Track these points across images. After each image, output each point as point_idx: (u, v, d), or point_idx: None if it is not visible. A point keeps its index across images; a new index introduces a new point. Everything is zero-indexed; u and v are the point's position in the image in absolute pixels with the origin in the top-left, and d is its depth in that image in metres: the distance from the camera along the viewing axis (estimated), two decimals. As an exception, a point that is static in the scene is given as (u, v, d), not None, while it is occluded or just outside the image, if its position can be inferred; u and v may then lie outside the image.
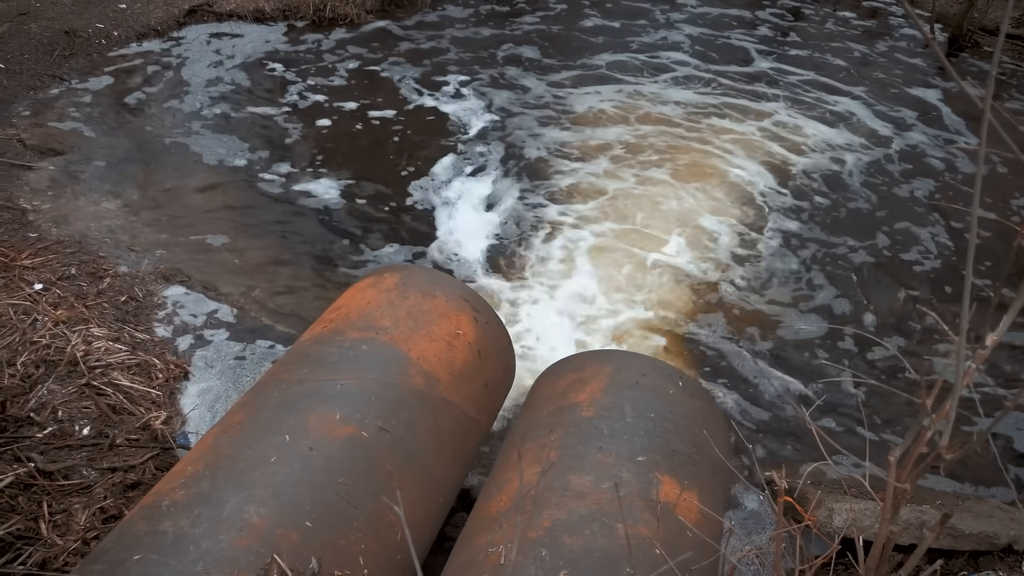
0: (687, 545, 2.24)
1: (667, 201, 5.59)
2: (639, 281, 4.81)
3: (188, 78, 6.51)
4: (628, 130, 6.45)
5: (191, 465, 2.28)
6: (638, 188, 5.71)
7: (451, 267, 4.82)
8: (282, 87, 6.58)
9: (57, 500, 2.91)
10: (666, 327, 4.48)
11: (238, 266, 4.62)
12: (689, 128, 6.57)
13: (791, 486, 3.20)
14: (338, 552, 2.15)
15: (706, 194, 5.71)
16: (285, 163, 5.61)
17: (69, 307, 3.84)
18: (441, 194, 5.47)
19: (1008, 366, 4.45)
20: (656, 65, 7.64)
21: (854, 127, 6.87)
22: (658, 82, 7.31)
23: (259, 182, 5.39)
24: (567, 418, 2.65)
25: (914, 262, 5.26)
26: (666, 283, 4.83)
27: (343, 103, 6.43)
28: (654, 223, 5.35)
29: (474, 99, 6.73)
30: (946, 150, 6.67)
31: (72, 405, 3.32)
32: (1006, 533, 3.06)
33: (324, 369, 2.62)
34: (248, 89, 6.49)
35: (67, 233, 4.52)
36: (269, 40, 7.30)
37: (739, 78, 7.57)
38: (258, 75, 6.71)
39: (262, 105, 6.30)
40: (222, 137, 5.83)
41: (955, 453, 1.57)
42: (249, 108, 6.23)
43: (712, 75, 7.55)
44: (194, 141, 5.74)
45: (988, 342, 1.62)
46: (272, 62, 6.94)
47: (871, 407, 4.11)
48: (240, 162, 5.57)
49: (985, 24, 9.00)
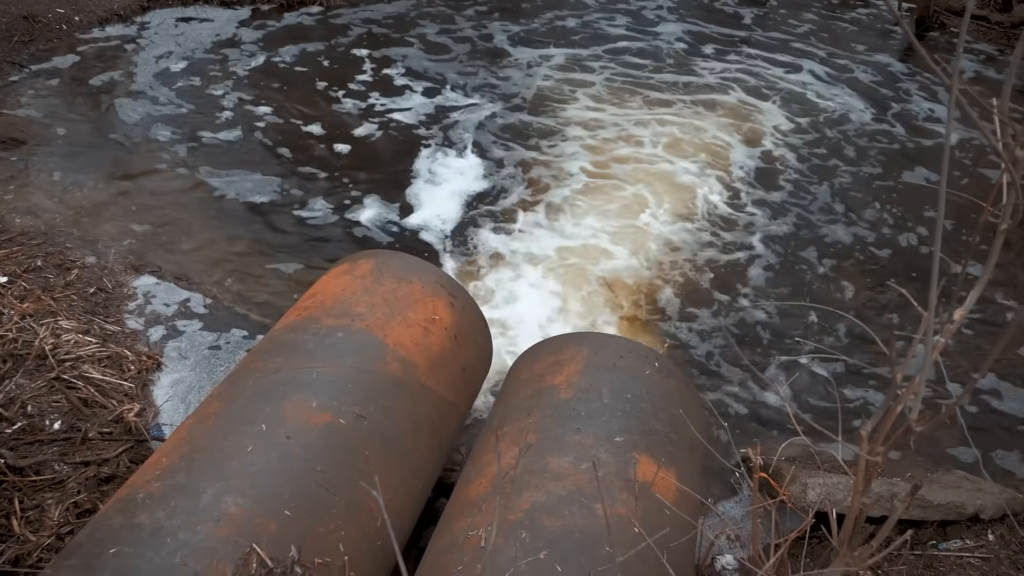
0: (665, 523, 2.27)
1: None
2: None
3: (152, 63, 6.38)
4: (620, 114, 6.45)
5: (166, 457, 2.26)
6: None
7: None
8: (235, 70, 6.47)
9: (29, 496, 2.87)
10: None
11: (209, 254, 4.56)
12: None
13: (766, 462, 3.25)
14: (318, 540, 2.15)
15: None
16: (253, 149, 5.53)
17: (36, 300, 3.76)
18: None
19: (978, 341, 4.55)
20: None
21: (811, 103, 6.93)
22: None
23: (225, 168, 5.31)
24: (545, 401, 2.66)
25: (883, 239, 5.33)
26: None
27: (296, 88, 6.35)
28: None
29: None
30: (913, 127, 6.76)
31: (42, 399, 3.27)
32: (972, 503, 3.14)
33: (300, 357, 2.60)
34: (209, 72, 6.37)
35: (32, 224, 4.42)
36: (236, 23, 7.17)
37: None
38: (221, 59, 6.59)
39: (225, 90, 6.19)
40: (187, 123, 5.73)
41: (924, 425, 1.60)
42: (212, 91, 6.12)
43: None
44: (159, 128, 5.63)
45: (956, 316, 1.65)
46: (236, 46, 6.81)
47: (842, 382, 4.18)
48: (212, 147, 5.48)
49: (951, 5, 9.11)
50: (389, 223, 5.00)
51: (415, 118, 6.14)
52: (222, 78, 6.34)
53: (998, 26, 8.90)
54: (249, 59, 6.66)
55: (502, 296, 4.49)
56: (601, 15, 8.25)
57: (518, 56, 7.24)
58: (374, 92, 6.42)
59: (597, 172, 5.70)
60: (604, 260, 4.85)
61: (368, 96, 6.35)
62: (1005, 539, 3.12)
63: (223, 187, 5.14)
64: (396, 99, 6.35)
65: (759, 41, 8.05)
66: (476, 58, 7.14)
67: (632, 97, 6.74)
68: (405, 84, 6.58)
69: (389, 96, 6.38)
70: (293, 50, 6.88)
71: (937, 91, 7.34)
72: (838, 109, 6.87)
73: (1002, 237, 1.56)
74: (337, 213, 5.03)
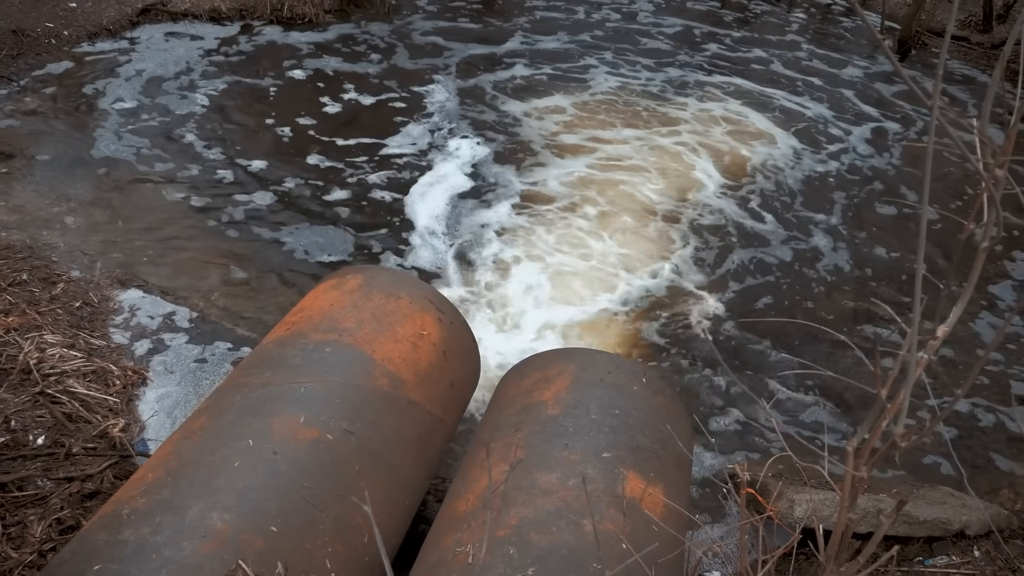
0: (653, 539, 2.26)
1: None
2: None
3: (141, 78, 6.37)
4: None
5: (152, 472, 2.24)
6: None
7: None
8: (223, 85, 6.49)
9: (11, 512, 2.83)
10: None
11: (195, 267, 4.54)
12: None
13: (753, 478, 3.25)
14: (304, 556, 2.13)
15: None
16: (239, 159, 5.53)
17: (21, 314, 3.73)
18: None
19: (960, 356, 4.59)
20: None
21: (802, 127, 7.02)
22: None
23: (214, 182, 5.30)
24: (533, 416, 2.66)
25: (865, 257, 5.39)
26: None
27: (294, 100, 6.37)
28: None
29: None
30: (897, 145, 6.85)
31: (25, 414, 3.23)
32: (958, 519, 3.16)
33: (287, 372, 2.59)
34: (199, 89, 6.37)
35: (17, 238, 4.39)
36: (226, 40, 7.19)
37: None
38: (209, 76, 6.60)
39: (215, 104, 6.19)
40: (176, 137, 5.73)
41: (909, 441, 1.62)
42: (202, 108, 6.12)
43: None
44: (146, 142, 5.62)
45: (939, 333, 1.67)
46: (227, 59, 6.83)
47: (828, 398, 4.20)
48: (193, 163, 5.47)
49: (932, 26, 9.28)
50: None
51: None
52: (211, 94, 6.34)
53: (978, 46, 9.07)
54: (227, 77, 6.68)
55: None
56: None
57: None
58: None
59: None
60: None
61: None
62: (991, 555, 3.13)
63: (208, 201, 5.13)
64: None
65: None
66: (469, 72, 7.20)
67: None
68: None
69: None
70: (284, 69, 6.90)
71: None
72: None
73: (984, 255, 1.58)
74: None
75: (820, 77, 8.03)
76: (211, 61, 6.81)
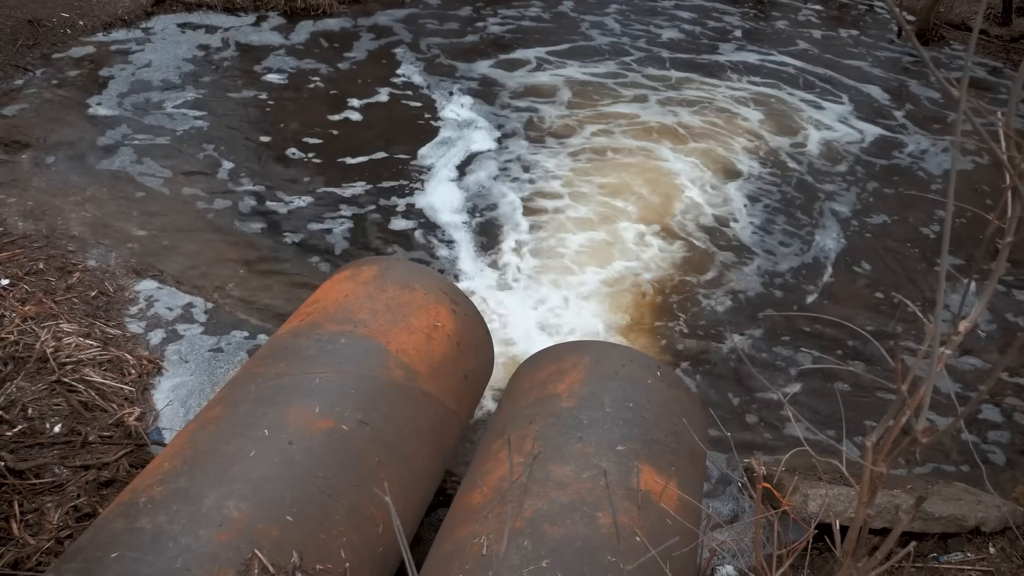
0: (667, 532, 2.26)
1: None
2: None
3: (156, 68, 6.39)
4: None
5: (168, 461, 2.25)
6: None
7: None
8: (245, 76, 6.49)
9: (28, 499, 2.85)
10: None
11: (211, 257, 4.56)
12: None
13: (769, 472, 3.24)
14: (319, 546, 2.14)
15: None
16: (253, 154, 5.54)
17: (37, 303, 3.76)
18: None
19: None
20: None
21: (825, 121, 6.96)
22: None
23: (228, 172, 5.31)
24: (547, 409, 2.66)
25: (890, 251, 5.34)
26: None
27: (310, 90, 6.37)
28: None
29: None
30: (922, 140, 6.78)
31: (42, 402, 3.26)
32: (974, 515, 3.13)
33: (302, 362, 2.60)
34: (215, 79, 6.38)
35: (34, 227, 4.42)
36: (240, 31, 7.19)
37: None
38: (223, 65, 6.61)
39: (231, 92, 6.20)
40: (191, 127, 5.74)
41: (930, 437, 1.60)
42: (217, 97, 6.13)
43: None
44: (163, 132, 5.64)
45: (960, 328, 1.65)
46: (237, 52, 6.84)
47: (846, 394, 4.18)
48: (209, 154, 5.48)
49: (950, 19, 9.16)
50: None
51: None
52: (227, 83, 6.35)
53: (997, 39, 8.95)
54: (241, 67, 6.68)
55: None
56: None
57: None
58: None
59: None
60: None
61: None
62: (1006, 552, 3.11)
63: (224, 191, 5.14)
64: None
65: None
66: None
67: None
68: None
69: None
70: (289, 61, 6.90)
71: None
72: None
73: (1007, 250, 1.56)
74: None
75: (835, 69, 7.96)
76: (225, 52, 6.82)
